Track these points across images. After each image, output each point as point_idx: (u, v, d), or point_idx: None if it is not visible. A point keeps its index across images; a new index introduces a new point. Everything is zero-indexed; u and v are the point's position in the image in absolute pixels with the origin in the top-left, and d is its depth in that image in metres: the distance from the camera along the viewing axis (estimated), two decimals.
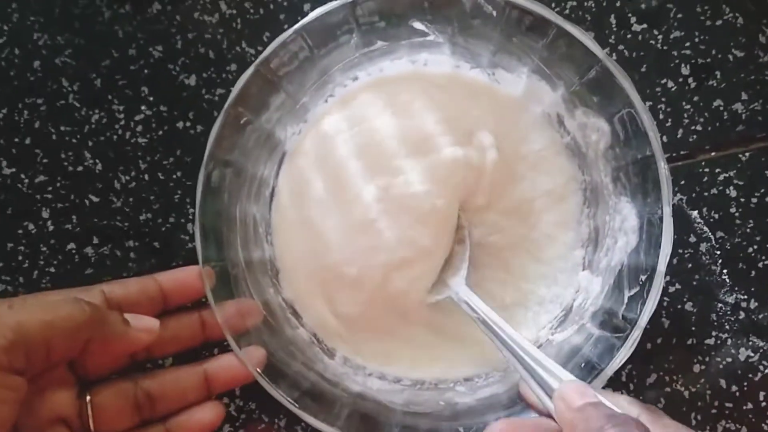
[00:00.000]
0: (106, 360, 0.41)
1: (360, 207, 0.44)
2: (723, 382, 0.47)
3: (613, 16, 0.49)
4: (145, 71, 0.50)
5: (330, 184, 0.45)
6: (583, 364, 0.40)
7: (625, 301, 0.40)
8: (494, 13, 0.40)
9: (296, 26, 0.41)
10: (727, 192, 0.48)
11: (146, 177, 0.49)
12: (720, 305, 0.48)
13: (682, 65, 0.49)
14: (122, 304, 0.40)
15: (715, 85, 0.49)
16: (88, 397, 0.39)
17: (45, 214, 0.49)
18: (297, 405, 0.39)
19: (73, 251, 0.49)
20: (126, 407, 0.40)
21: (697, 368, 0.47)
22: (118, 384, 0.41)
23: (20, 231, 0.49)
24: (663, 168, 0.39)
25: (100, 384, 0.40)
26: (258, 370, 0.39)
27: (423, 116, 0.45)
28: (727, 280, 0.48)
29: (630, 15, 0.49)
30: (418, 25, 0.42)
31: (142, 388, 0.41)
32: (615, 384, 0.47)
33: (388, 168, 0.44)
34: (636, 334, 0.38)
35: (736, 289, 0.48)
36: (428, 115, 0.45)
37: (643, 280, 0.39)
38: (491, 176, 0.45)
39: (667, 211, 0.38)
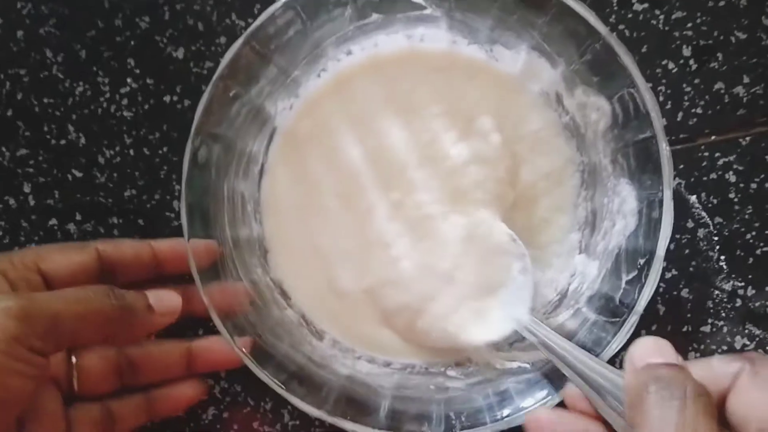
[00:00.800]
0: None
1: (367, 213, 0.44)
2: None
3: None
4: (132, 43, 0.48)
5: (332, 177, 0.45)
6: None
7: (623, 285, 0.39)
8: None
9: None
10: (727, 177, 0.47)
11: (131, 152, 0.48)
12: (717, 292, 0.47)
13: (684, 46, 0.48)
14: (115, 265, 0.41)
15: (716, 67, 0.47)
16: (74, 359, 0.40)
17: (26, 189, 0.48)
18: (284, 387, 0.38)
19: (55, 227, 0.48)
20: (109, 372, 0.41)
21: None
22: (103, 349, 0.41)
23: (1, 206, 0.48)
24: (664, 149, 0.37)
25: (86, 348, 0.41)
26: (244, 350, 0.38)
27: (425, 109, 0.44)
28: (725, 267, 0.47)
29: None
30: None
31: (126, 356, 0.42)
32: None
33: (396, 177, 0.44)
34: (633, 320, 0.37)
35: (734, 276, 0.47)
36: (431, 107, 0.44)
37: (641, 264, 0.38)
38: (504, 163, 0.44)
39: (668, 194, 0.37)
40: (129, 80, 0.48)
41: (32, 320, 0.32)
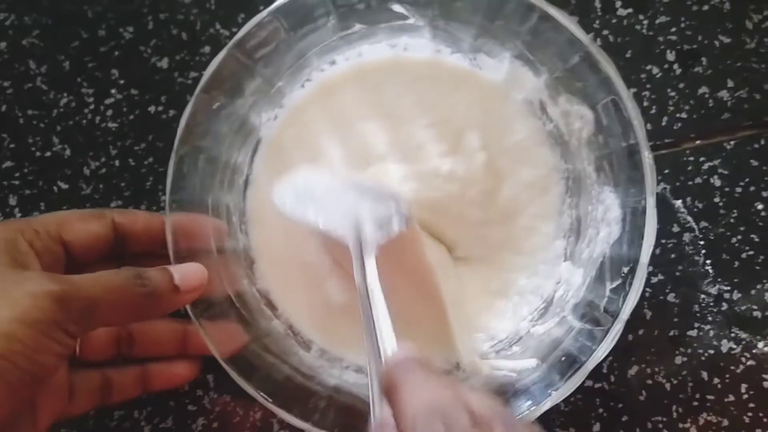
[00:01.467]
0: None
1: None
2: (705, 374, 0.46)
3: (598, 0, 0.48)
4: (116, 53, 0.48)
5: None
6: (563, 357, 0.39)
7: (607, 293, 0.39)
8: None
9: (271, 7, 0.39)
10: (712, 181, 0.47)
11: (117, 163, 0.48)
12: (703, 296, 0.47)
13: (668, 51, 0.48)
14: (128, 236, 0.41)
15: (700, 71, 0.48)
16: None
17: (12, 201, 0.48)
18: (270, 399, 0.38)
19: None
20: (108, 341, 0.43)
21: (678, 360, 0.47)
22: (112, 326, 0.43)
23: None
24: (647, 158, 0.38)
25: None
26: (232, 366, 0.38)
27: (410, 119, 0.44)
28: (711, 271, 0.47)
29: None
30: (397, 8, 0.41)
31: (126, 329, 0.43)
32: (596, 376, 0.46)
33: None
34: (618, 328, 0.37)
35: (719, 280, 0.47)
36: (416, 117, 0.44)
37: (625, 272, 0.38)
38: (479, 185, 0.44)
39: (651, 202, 0.37)
40: (113, 91, 0.48)
41: (71, 305, 0.33)
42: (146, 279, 0.36)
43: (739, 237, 0.47)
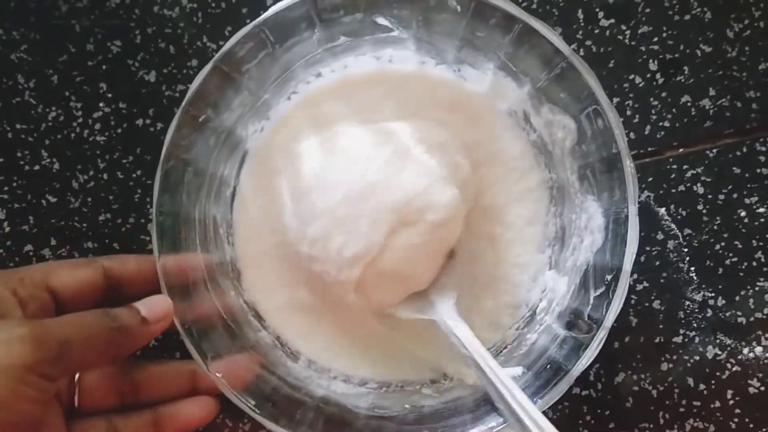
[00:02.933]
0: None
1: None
2: (691, 381, 0.47)
3: (580, 10, 0.48)
4: (104, 67, 0.48)
5: (300, 198, 0.44)
6: (548, 366, 0.39)
7: (591, 301, 0.39)
8: (458, 8, 0.39)
9: (256, 21, 0.40)
10: (695, 189, 0.48)
11: (105, 176, 0.48)
12: (687, 303, 0.47)
13: (650, 61, 0.48)
14: (120, 280, 0.41)
15: (683, 80, 0.48)
16: (77, 377, 0.41)
17: (1, 215, 0.48)
18: (258, 411, 0.38)
19: (30, 253, 0.48)
20: (110, 391, 0.42)
21: (665, 366, 0.47)
22: (105, 368, 0.42)
23: None
24: (629, 166, 0.38)
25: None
26: (218, 374, 0.38)
27: (397, 130, 0.44)
28: (695, 278, 0.47)
29: (598, 10, 0.48)
30: (381, 21, 0.41)
31: (128, 376, 0.42)
32: (583, 384, 0.47)
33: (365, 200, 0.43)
34: (602, 335, 0.38)
35: (704, 286, 0.47)
36: (402, 128, 0.44)
37: (608, 279, 0.39)
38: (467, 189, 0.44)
39: (633, 211, 0.38)
40: (101, 104, 0.48)
41: (44, 347, 0.33)
42: (112, 315, 0.37)
43: (723, 244, 0.48)
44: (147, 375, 0.43)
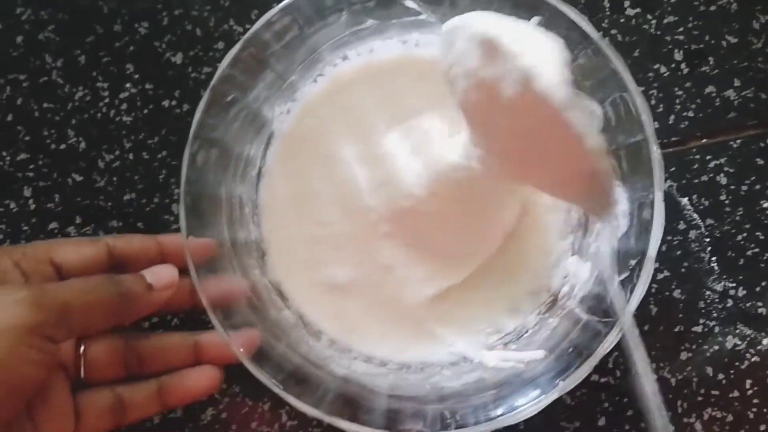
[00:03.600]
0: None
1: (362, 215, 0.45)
2: (710, 370, 0.47)
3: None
4: (131, 48, 0.49)
5: (328, 181, 0.45)
6: (571, 349, 0.39)
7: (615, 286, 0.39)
8: None
9: (284, 3, 0.40)
10: (718, 179, 0.48)
11: (131, 156, 0.48)
12: (708, 293, 0.47)
13: (675, 51, 0.48)
14: (124, 259, 0.42)
15: (707, 71, 0.48)
16: (81, 348, 0.41)
17: (27, 193, 0.48)
18: (281, 387, 0.39)
19: (56, 231, 0.48)
20: (115, 363, 0.42)
21: (684, 356, 0.47)
22: (110, 340, 0.42)
23: (1, 209, 0.48)
24: (655, 152, 0.38)
25: (93, 338, 0.42)
26: (242, 350, 0.39)
27: (422, 113, 0.45)
28: (716, 268, 0.47)
29: None
30: (410, 3, 0.42)
31: (132, 347, 0.42)
32: (601, 370, 0.47)
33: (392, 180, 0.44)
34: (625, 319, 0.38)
35: (725, 276, 0.47)
36: (427, 111, 0.45)
37: (632, 265, 0.39)
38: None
39: (659, 196, 0.38)
40: (128, 85, 0.48)
41: (44, 309, 0.33)
42: (116, 279, 0.37)
43: (745, 234, 0.48)
44: (151, 346, 0.43)
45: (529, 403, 0.38)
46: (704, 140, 0.48)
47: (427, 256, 0.44)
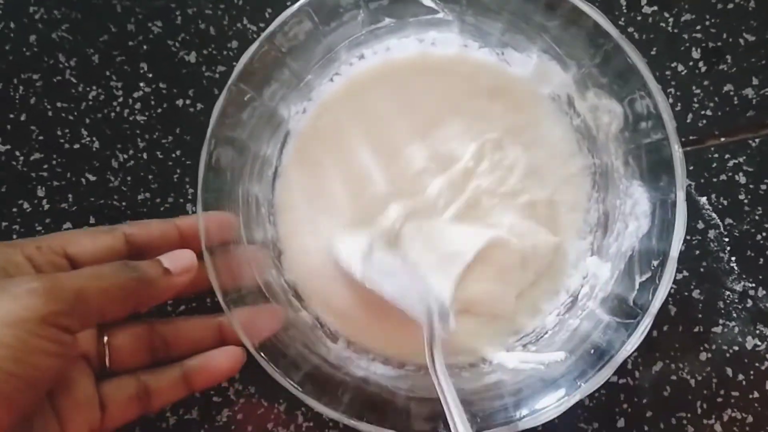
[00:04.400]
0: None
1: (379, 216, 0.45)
2: (729, 371, 0.46)
3: None
4: (144, 47, 0.48)
5: (345, 181, 0.45)
6: (592, 350, 0.39)
7: (636, 287, 0.39)
8: None
9: (302, 1, 0.40)
10: (737, 178, 0.47)
11: (144, 156, 0.48)
12: (727, 293, 0.47)
13: (693, 49, 0.48)
14: (143, 247, 0.41)
15: (725, 69, 0.48)
16: (105, 338, 0.41)
17: (40, 193, 0.48)
18: (299, 388, 0.38)
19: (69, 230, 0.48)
20: (140, 349, 0.42)
21: (703, 356, 0.47)
22: (133, 327, 0.42)
23: (15, 209, 0.48)
24: (677, 151, 0.38)
25: (117, 326, 0.42)
26: (262, 354, 0.38)
27: (438, 115, 0.45)
28: (735, 268, 0.47)
29: None
30: (427, 2, 0.41)
31: (157, 333, 0.42)
32: (621, 372, 0.46)
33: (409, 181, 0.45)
34: (648, 321, 0.37)
35: (744, 276, 0.47)
36: (444, 113, 0.45)
37: (655, 265, 0.38)
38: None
39: (681, 196, 0.37)
40: (142, 84, 0.48)
41: (57, 298, 0.32)
42: (132, 265, 0.37)
43: (764, 234, 0.47)
44: (176, 330, 0.43)
45: (551, 406, 0.38)
46: (723, 139, 0.48)
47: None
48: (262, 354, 0.39)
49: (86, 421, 0.38)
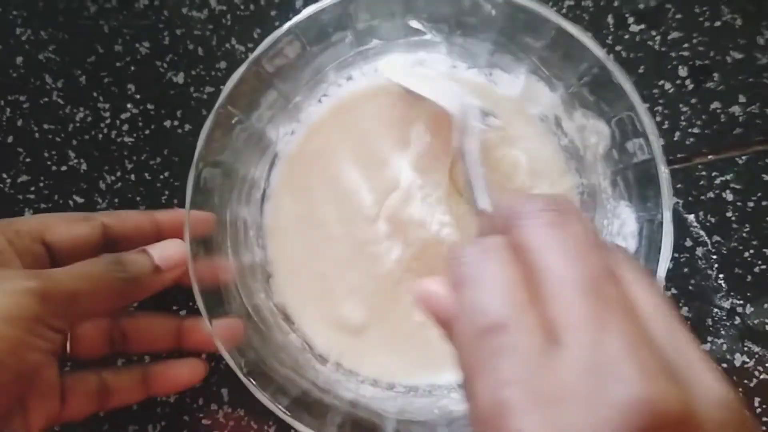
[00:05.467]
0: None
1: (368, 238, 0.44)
2: None
3: (610, 16, 0.48)
4: (132, 68, 0.48)
5: (333, 202, 0.45)
6: None
7: None
8: (493, 11, 0.40)
9: (290, 23, 0.40)
10: (724, 196, 0.48)
11: (132, 177, 0.48)
12: (716, 310, 0.47)
13: (680, 67, 0.48)
14: (118, 237, 0.41)
15: (713, 87, 0.48)
16: None
17: (28, 215, 0.48)
18: (287, 413, 0.38)
19: None
20: (100, 339, 0.42)
21: None
22: (97, 318, 0.42)
23: None
24: (663, 172, 0.38)
25: None
26: (251, 379, 0.38)
27: (427, 136, 0.45)
28: (723, 285, 0.47)
29: (628, 15, 0.48)
30: (414, 24, 0.41)
31: (117, 325, 0.42)
32: None
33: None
34: None
35: (732, 294, 0.47)
36: (433, 133, 0.44)
37: None
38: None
39: (668, 217, 0.38)
40: (129, 105, 0.48)
41: (52, 300, 0.33)
42: (126, 264, 0.37)
43: (752, 251, 0.47)
44: (136, 325, 0.43)
45: None
46: (710, 156, 0.48)
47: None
48: (251, 379, 0.38)
49: (47, 409, 0.38)
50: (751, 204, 0.47)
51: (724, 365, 0.47)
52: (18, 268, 0.36)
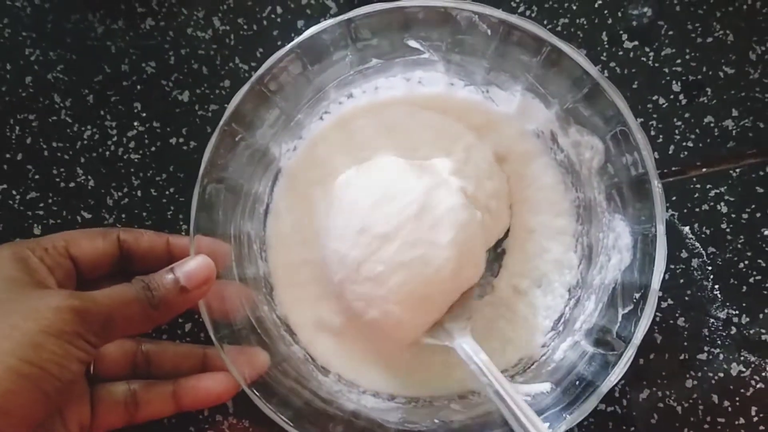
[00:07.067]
0: None
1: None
2: (715, 398, 0.47)
3: (604, 33, 0.49)
4: (138, 87, 0.49)
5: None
6: (578, 382, 0.40)
7: (619, 319, 0.40)
8: (489, 31, 0.41)
9: (292, 43, 0.41)
10: (719, 208, 0.48)
11: (139, 193, 0.49)
12: (712, 320, 0.48)
13: (673, 82, 0.49)
14: (133, 255, 0.43)
15: (705, 101, 0.49)
16: None
17: (37, 231, 0.49)
18: (291, 424, 0.39)
19: None
20: (124, 362, 0.44)
21: (689, 383, 0.47)
22: (123, 340, 0.44)
23: None
24: (656, 186, 0.39)
25: None
26: (255, 391, 0.39)
27: (426, 152, 0.46)
28: (719, 296, 0.48)
29: (621, 32, 0.49)
30: (413, 43, 0.42)
31: (142, 350, 0.44)
32: (608, 400, 0.47)
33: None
34: (630, 353, 0.38)
35: (728, 304, 0.48)
36: (432, 150, 0.46)
37: (637, 298, 0.39)
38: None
39: (661, 230, 0.38)
40: (136, 123, 0.49)
41: (90, 319, 0.35)
42: (154, 289, 0.38)
43: (747, 262, 0.48)
44: (161, 351, 0.45)
45: None
46: (704, 169, 0.49)
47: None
48: (254, 390, 0.39)
49: (78, 416, 0.40)
50: (745, 216, 0.48)
51: (721, 375, 0.47)
52: (53, 284, 0.39)
